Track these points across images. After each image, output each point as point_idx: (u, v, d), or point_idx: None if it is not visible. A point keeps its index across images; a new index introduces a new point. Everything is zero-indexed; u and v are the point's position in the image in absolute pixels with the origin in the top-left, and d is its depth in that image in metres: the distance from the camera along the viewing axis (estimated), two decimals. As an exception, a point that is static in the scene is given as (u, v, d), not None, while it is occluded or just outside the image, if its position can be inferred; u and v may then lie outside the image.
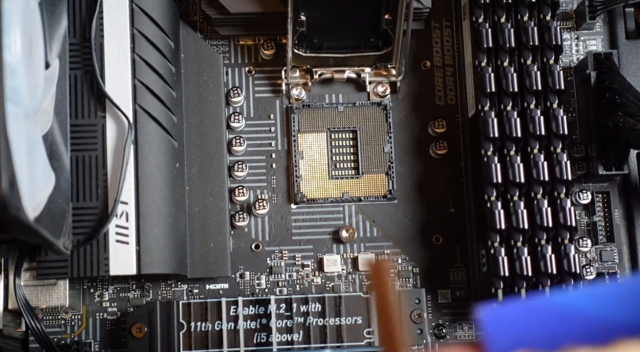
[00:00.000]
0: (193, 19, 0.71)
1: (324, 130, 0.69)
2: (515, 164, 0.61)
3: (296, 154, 0.68)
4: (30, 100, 0.50)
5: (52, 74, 0.56)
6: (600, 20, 0.71)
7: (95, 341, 0.65)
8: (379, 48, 0.67)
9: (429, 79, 0.70)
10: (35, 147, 0.50)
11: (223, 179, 0.66)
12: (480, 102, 0.63)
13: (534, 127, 0.62)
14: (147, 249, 0.59)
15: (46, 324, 0.65)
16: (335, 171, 0.68)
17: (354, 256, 0.68)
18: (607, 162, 0.66)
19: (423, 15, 0.69)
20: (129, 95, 0.60)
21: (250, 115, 0.69)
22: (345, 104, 0.69)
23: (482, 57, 0.64)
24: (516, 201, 0.61)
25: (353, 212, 0.68)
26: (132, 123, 0.59)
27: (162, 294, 0.66)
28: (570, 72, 0.70)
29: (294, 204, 0.68)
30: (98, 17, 0.60)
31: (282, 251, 0.68)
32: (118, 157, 0.59)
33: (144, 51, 0.61)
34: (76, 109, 0.60)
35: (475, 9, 0.64)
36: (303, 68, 0.68)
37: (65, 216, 0.56)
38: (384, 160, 0.68)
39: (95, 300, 0.66)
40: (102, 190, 0.59)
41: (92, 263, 0.58)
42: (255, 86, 0.70)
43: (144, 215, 0.59)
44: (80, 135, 0.59)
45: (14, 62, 0.46)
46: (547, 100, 0.63)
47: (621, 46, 0.69)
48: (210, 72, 0.67)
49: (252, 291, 0.67)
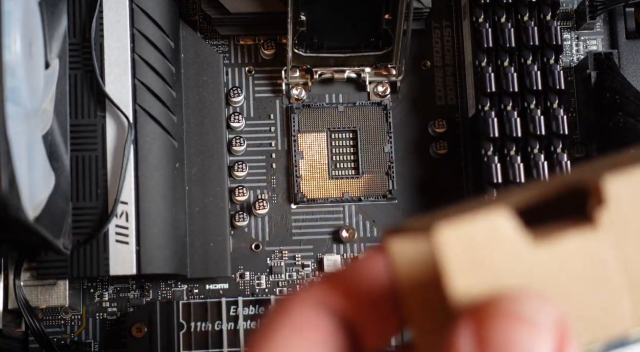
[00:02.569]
0: (193, 19, 0.71)
1: (324, 130, 0.69)
2: (515, 164, 0.61)
3: (296, 154, 0.68)
4: (30, 100, 0.50)
5: (52, 74, 0.56)
6: (600, 20, 0.71)
7: (95, 341, 0.65)
8: (379, 48, 0.67)
9: (429, 79, 0.70)
10: (35, 147, 0.50)
11: (223, 179, 0.66)
12: (480, 102, 0.63)
13: (534, 127, 0.62)
14: (147, 249, 0.59)
15: (46, 324, 0.65)
16: (335, 171, 0.68)
17: (354, 256, 0.68)
18: (607, 162, 0.65)
19: (423, 15, 0.69)
20: (129, 95, 0.60)
21: (250, 115, 0.69)
22: (345, 103, 0.69)
23: (482, 57, 0.64)
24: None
25: (353, 212, 0.68)
26: (132, 123, 0.59)
27: (162, 294, 0.66)
28: (570, 72, 0.70)
29: (294, 204, 0.68)
30: (98, 17, 0.60)
31: (282, 251, 0.68)
32: (118, 157, 0.59)
33: (144, 51, 0.61)
34: (76, 109, 0.60)
35: (475, 9, 0.64)
36: (303, 68, 0.68)
37: (65, 216, 0.56)
38: (384, 160, 0.68)
39: (95, 300, 0.66)
40: (102, 190, 0.59)
41: (92, 263, 0.58)
42: (255, 86, 0.70)
43: (144, 215, 0.59)
44: (80, 135, 0.59)
45: (14, 62, 0.46)
46: (547, 100, 0.63)
47: (621, 46, 0.69)
48: (210, 72, 0.67)
49: (252, 291, 0.67)
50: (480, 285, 0.24)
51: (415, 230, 0.25)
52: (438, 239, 0.24)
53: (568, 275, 0.24)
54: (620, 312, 0.24)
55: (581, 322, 0.24)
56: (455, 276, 0.24)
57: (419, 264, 0.25)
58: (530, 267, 0.24)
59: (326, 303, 0.27)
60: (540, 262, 0.24)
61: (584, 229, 0.24)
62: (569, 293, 0.24)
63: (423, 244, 0.25)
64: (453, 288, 0.24)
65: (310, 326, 0.27)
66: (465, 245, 0.24)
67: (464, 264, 0.24)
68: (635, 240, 0.24)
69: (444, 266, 0.24)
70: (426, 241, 0.25)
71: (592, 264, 0.24)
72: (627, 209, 0.24)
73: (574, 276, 0.24)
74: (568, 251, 0.24)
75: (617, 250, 0.24)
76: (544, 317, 0.23)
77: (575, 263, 0.24)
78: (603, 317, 0.24)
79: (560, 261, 0.24)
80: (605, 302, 0.24)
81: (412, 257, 0.25)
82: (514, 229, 0.24)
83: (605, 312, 0.24)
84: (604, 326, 0.24)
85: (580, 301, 0.24)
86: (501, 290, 0.23)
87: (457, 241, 0.24)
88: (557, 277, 0.24)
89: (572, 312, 0.24)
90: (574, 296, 0.24)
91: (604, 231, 0.24)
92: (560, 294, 0.24)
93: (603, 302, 0.24)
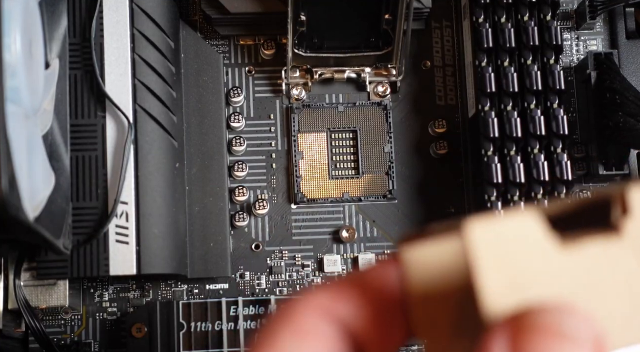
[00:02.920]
0: (193, 19, 0.71)
1: (324, 130, 0.69)
2: (515, 164, 0.61)
3: (296, 154, 0.68)
4: (30, 100, 0.50)
5: (52, 74, 0.56)
6: (600, 20, 0.71)
7: (95, 341, 0.65)
8: (379, 48, 0.67)
9: (429, 79, 0.70)
10: (35, 147, 0.50)
11: (223, 179, 0.66)
12: (480, 102, 0.63)
13: (534, 127, 0.62)
14: (147, 249, 0.59)
15: (46, 324, 0.65)
16: (335, 171, 0.68)
17: (354, 256, 0.68)
18: (607, 162, 0.66)
19: (423, 15, 0.69)
20: (129, 95, 0.60)
21: (250, 115, 0.69)
22: (345, 104, 0.69)
23: (482, 57, 0.64)
24: (516, 201, 0.61)
25: (353, 212, 0.68)
26: (132, 123, 0.59)
27: (162, 294, 0.66)
28: (570, 72, 0.70)
29: (294, 204, 0.68)
30: (98, 17, 0.60)
31: (282, 251, 0.68)
32: (118, 157, 0.59)
33: (144, 51, 0.61)
34: (76, 109, 0.60)
35: (475, 9, 0.64)
36: (303, 68, 0.68)
37: (65, 216, 0.56)
38: (384, 160, 0.68)
39: (95, 300, 0.66)
40: (102, 190, 0.59)
41: (92, 263, 0.58)
42: (255, 86, 0.70)
43: (144, 215, 0.59)
44: (80, 135, 0.59)
45: (14, 62, 0.46)
46: (547, 100, 0.63)
47: (621, 46, 0.69)
48: (210, 72, 0.67)
49: (252, 291, 0.67)
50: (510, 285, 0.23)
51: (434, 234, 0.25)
52: (469, 236, 0.24)
53: (593, 280, 0.24)
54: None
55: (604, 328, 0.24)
56: (485, 272, 0.23)
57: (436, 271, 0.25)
58: (557, 269, 0.24)
59: (331, 311, 0.27)
60: (566, 265, 0.24)
61: (609, 237, 0.24)
62: (593, 298, 0.24)
63: (442, 247, 0.25)
64: (483, 286, 0.23)
65: (313, 333, 0.27)
66: (495, 242, 0.24)
67: (494, 260, 0.23)
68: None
69: (475, 261, 0.23)
70: (447, 242, 0.25)
71: (615, 271, 0.24)
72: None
73: (598, 281, 0.24)
74: (593, 257, 0.24)
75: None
76: (583, 334, 0.23)
77: (599, 269, 0.24)
78: (625, 323, 0.24)
79: (585, 266, 0.24)
80: (627, 310, 0.24)
81: (428, 264, 0.25)
82: (542, 230, 0.24)
83: (628, 320, 0.24)
84: (626, 334, 0.24)
85: (603, 307, 0.24)
86: (535, 298, 0.23)
87: (488, 237, 0.24)
88: (582, 282, 0.24)
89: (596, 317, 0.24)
90: (598, 301, 0.24)
91: (628, 239, 0.24)
92: (585, 298, 0.24)
93: (625, 309, 0.24)
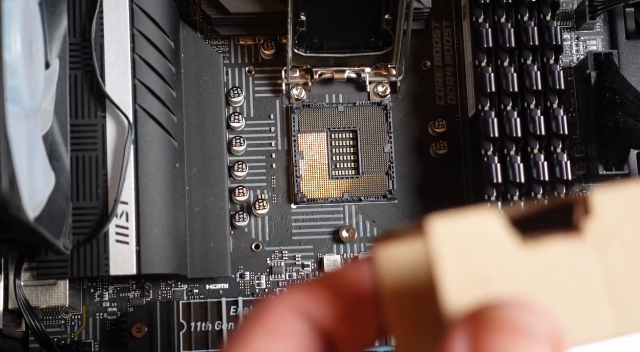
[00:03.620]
0: (193, 19, 0.71)
1: (324, 130, 0.69)
2: (515, 164, 0.61)
3: (296, 154, 0.68)
4: (30, 100, 0.50)
5: (52, 74, 0.56)
6: (600, 20, 0.71)
7: (95, 341, 0.65)
8: (379, 48, 0.67)
9: (429, 79, 0.70)
10: (35, 147, 0.50)
11: (223, 179, 0.66)
12: (480, 102, 0.63)
13: (534, 127, 0.62)
14: (147, 249, 0.59)
15: (46, 324, 0.65)
16: (335, 171, 0.68)
17: (354, 256, 0.68)
18: (607, 162, 0.66)
19: (423, 15, 0.69)
20: (129, 95, 0.60)
21: (250, 115, 0.69)
22: (345, 104, 0.69)
23: (482, 57, 0.64)
24: (516, 201, 0.61)
25: (353, 212, 0.68)
26: (132, 123, 0.59)
27: (162, 294, 0.66)
28: (570, 72, 0.70)
29: (294, 204, 0.68)
30: (98, 17, 0.60)
31: (282, 251, 0.68)
32: (118, 157, 0.59)
33: (144, 51, 0.61)
34: (76, 109, 0.60)
35: (475, 9, 0.64)
36: (303, 68, 0.68)
37: (65, 216, 0.56)
38: (384, 160, 0.68)
39: (95, 300, 0.66)
40: (102, 190, 0.59)
41: (92, 263, 0.58)
42: (255, 86, 0.70)
43: (144, 215, 0.59)
44: (80, 135, 0.59)
45: (14, 62, 0.46)
46: (547, 100, 0.63)
47: (621, 46, 0.69)
48: (210, 72, 0.67)
49: (252, 291, 0.67)
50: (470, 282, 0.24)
51: (406, 233, 0.25)
52: (430, 232, 0.24)
53: (552, 278, 0.24)
54: (601, 319, 0.24)
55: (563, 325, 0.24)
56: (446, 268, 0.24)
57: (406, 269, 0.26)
58: (518, 267, 0.24)
59: (303, 309, 0.27)
60: (527, 264, 0.24)
61: (570, 237, 0.25)
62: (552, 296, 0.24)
63: (412, 245, 0.25)
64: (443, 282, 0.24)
65: (285, 332, 0.27)
66: (456, 238, 0.24)
67: (455, 257, 0.24)
68: (617, 251, 0.25)
69: (436, 256, 0.24)
70: (416, 241, 0.25)
71: (575, 269, 0.25)
72: (612, 221, 0.25)
73: (558, 279, 0.24)
74: (553, 256, 0.25)
75: (600, 259, 0.25)
76: (541, 330, 0.23)
77: (559, 267, 0.25)
78: (584, 321, 0.24)
79: (546, 265, 0.25)
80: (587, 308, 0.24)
81: (398, 262, 0.26)
82: (504, 228, 0.25)
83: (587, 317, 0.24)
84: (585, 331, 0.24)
85: (562, 305, 0.24)
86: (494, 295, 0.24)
87: (449, 233, 0.24)
88: (541, 280, 0.24)
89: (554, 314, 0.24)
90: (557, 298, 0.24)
91: (589, 239, 0.25)
92: (544, 296, 0.24)
93: (585, 307, 0.24)
